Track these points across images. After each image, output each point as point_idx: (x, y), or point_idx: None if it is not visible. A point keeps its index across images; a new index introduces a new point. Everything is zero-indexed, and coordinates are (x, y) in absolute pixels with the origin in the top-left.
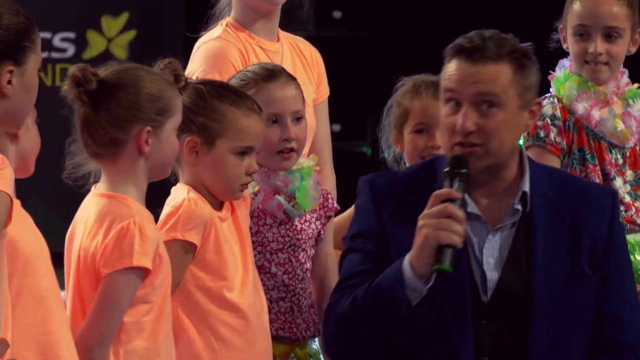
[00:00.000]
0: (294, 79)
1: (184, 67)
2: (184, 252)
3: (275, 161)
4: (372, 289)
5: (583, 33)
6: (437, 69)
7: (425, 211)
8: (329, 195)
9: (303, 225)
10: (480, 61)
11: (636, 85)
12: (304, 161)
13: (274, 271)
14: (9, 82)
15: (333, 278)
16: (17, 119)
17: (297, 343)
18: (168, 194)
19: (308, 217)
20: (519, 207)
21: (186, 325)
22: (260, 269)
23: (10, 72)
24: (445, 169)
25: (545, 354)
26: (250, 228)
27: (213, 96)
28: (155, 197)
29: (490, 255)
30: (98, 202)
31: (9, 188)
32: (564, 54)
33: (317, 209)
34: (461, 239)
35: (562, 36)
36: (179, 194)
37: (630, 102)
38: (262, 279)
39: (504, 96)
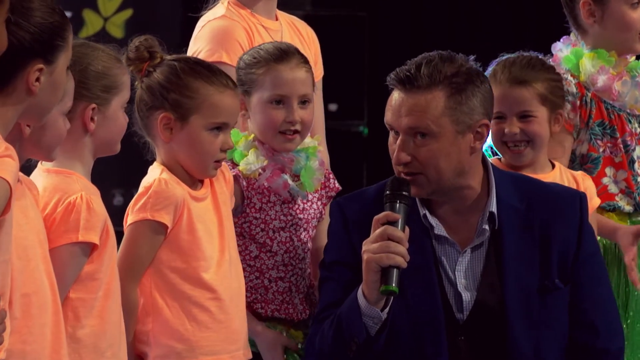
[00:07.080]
0: (306, 61)
1: (180, 45)
2: (154, 232)
3: (278, 142)
4: (335, 321)
5: None
6: (432, 49)
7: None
8: (331, 175)
9: (305, 205)
10: (412, 91)
11: (632, 57)
12: (309, 141)
13: (275, 249)
14: (38, 79)
15: None
16: (40, 115)
17: (292, 324)
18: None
19: (310, 197)
20: (487, 227)
21: (160, 304)
22: (262, 246)
23: (40, 70)
24: (386, 192)
25: None
26: (254, 204)
27: (186, 73)
28: (134, 177)
29: (463, 277)
30: (45, 177)
31: (10, 176)
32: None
33: (319, 189)
34: (404, 258)
35: (586, 10)
36: (152, 174)
37: (635, 73)
38: (262, 258)
39: (435, 126)
